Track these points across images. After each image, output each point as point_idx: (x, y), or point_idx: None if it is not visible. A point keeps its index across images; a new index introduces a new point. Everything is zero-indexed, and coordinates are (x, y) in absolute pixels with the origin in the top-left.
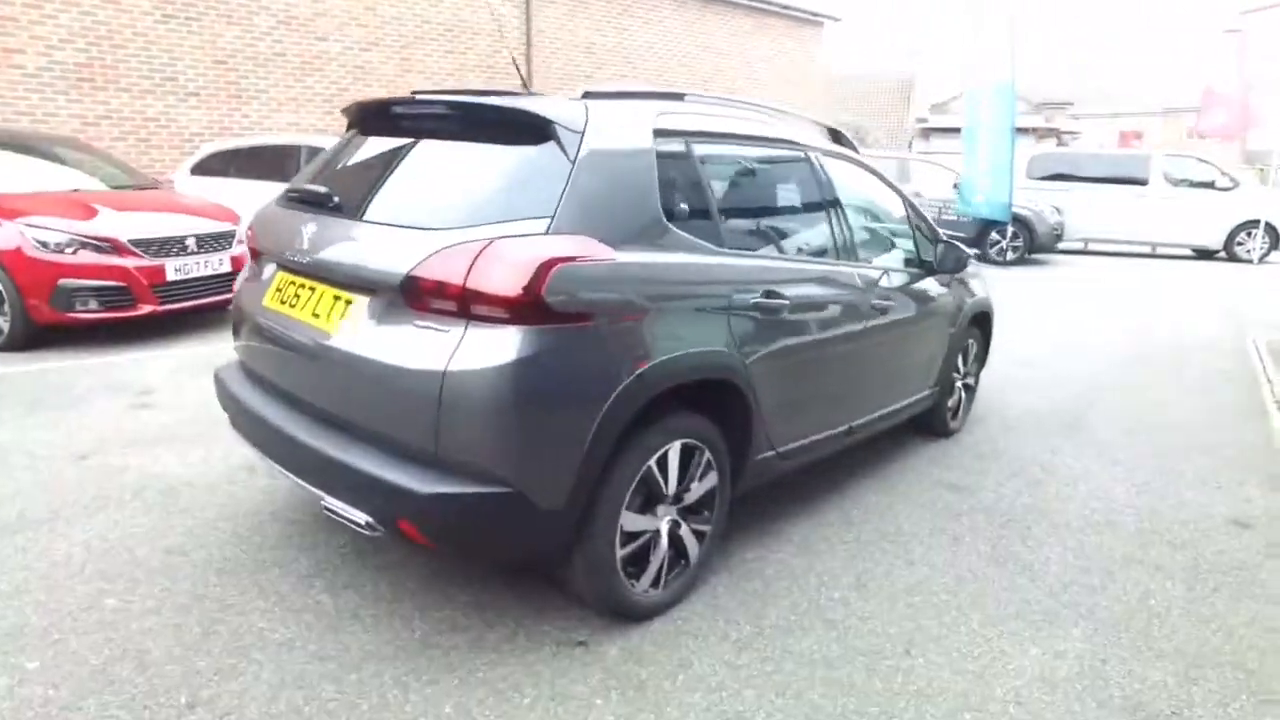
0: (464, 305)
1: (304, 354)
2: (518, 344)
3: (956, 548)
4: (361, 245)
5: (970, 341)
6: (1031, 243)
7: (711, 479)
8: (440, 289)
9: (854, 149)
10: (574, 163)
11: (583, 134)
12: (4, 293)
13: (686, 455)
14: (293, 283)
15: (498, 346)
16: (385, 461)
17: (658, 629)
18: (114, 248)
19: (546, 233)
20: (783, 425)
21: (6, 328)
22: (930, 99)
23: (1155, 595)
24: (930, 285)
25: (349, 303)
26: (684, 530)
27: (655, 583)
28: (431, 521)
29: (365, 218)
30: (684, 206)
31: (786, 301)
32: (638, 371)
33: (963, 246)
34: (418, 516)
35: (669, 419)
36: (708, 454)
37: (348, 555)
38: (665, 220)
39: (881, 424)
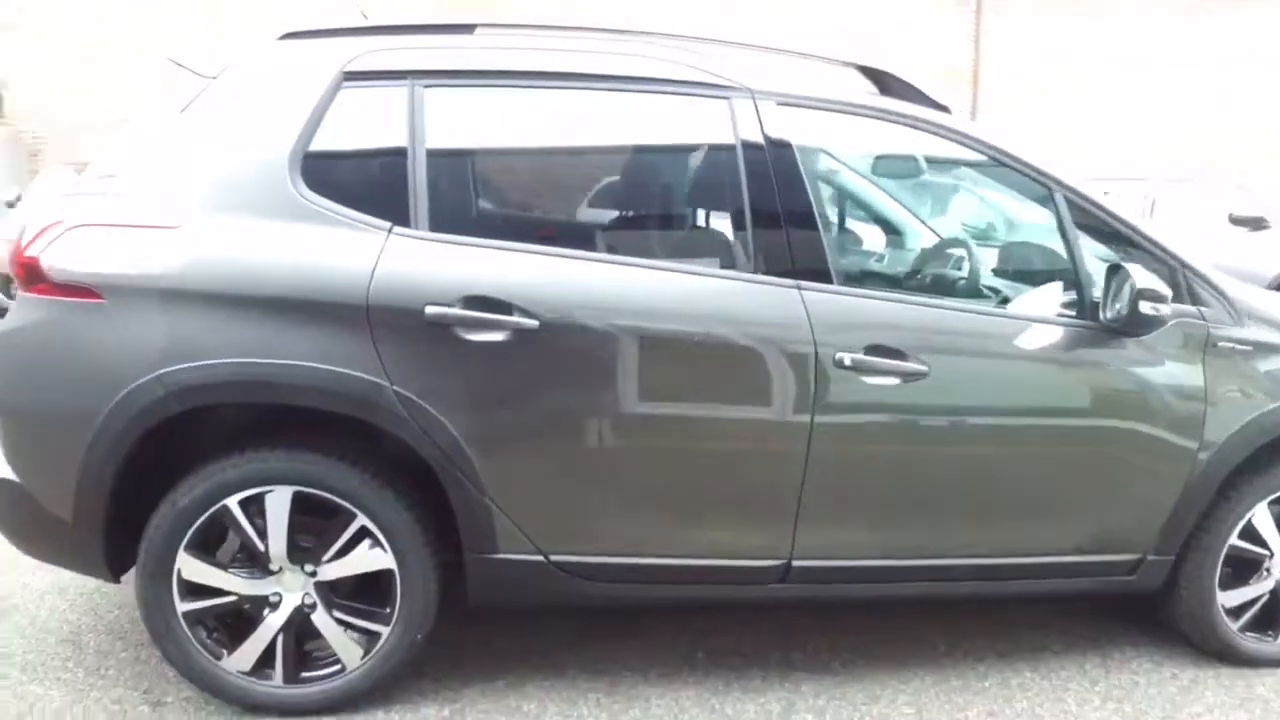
0: None
1: None
2: (14, 311)
3: None
4: None
5: None
6: None
7: (381, 560)
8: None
9: (933, 105)
10: (181, 112)
11: (213, 81)
12: None
13: (320, 513)
14: None
15: (11, 312)
16: None
17: None
18: None
19: (105, 193)
20: (568, 522)
21: None
22: None
23: None
24: (1108, 351)
25: None
26: (321, 618)
27: (265, 670)
28: None
29: None
30: (360, 171)
31: (533, 323)
32: (158, 372)
33: (1142, 277)
34: None
35: (264, 451)
36: (364, 520)
37: None
38: (298, 187)
39: (915, 585)
